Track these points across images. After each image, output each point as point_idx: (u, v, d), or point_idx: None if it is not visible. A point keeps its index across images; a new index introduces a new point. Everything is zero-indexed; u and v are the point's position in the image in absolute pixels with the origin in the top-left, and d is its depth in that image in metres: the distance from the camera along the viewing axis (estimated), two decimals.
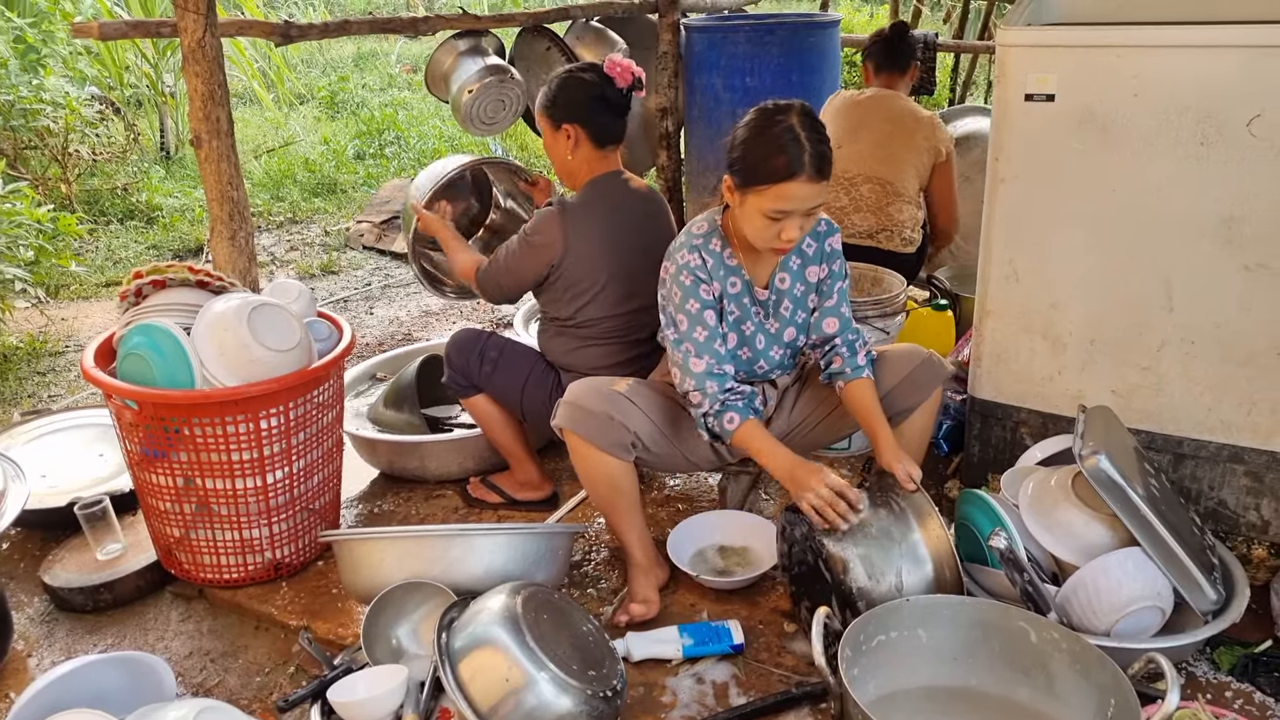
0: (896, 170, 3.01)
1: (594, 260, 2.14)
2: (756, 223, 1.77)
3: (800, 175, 1.70)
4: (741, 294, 1.91)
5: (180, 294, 2.09)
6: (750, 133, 1.75)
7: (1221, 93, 1.78)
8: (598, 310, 2.18)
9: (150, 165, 6.18)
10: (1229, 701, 1.68)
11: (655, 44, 4.02)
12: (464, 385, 2.28)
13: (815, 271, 1.95)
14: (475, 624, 1.59)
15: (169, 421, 1.91)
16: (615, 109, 2.13)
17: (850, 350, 1.93)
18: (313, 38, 2.98)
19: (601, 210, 2.14)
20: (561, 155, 2.17)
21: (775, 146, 1.70)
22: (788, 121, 1.72)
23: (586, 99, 2.11)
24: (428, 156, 6.60)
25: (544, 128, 2.19)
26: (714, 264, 1.87)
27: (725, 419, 1.83)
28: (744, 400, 1.87)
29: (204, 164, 2.41)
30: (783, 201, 1.72)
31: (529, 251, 2.15)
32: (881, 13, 7.49)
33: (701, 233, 1.88)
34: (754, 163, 1.73)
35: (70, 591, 2.09)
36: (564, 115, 2.12)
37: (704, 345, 1.85)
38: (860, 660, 1.54)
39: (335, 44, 10.04)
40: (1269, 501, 1.96)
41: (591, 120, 2.11)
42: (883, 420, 1.87)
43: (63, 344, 3.75)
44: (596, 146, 2.15)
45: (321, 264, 4.74)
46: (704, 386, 1.84)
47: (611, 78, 2.11)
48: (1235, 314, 1.88)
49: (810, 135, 1.71)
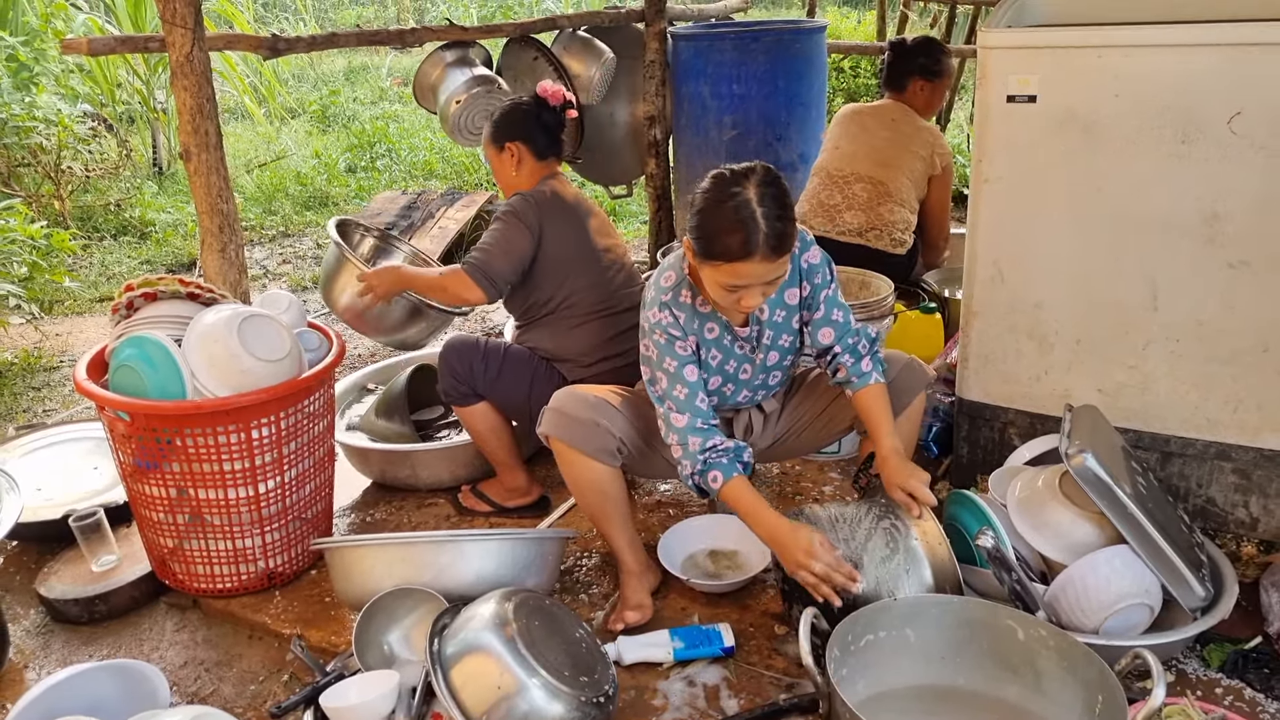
0: (891, 172, 3.03)
1: (567, 233, 2.30)
2: (715, 292, 1.72)
3: (755, 256, 1.62)
4: (721, 337, 1.87)
5: (171, 306, 2.11)
6: (706, 204, 1.66)
7: (1201, 91, 1.79)
8: (583, 279, 2.29)
9: (143, 181, 6.19)
10: (1219, 698, 1.69)
11: (642, 53, 4.04)
12: (464, 393, 2.28)
13: (794, 293, 1.88)
14: (467, 630, 1.60)
15: (161, 432, 1.92)
16: (551, 126, 2.36)
17: (854, 356, 1.87)
18: (300, 51, 3.00)
19: (554, 191, 2.35)
20: (508, 172, 2.37)
21: (730, 224, 1.62)
22: (744, 195, 1.62)
23: (526, 120, 2.34)
24: (418, 169, 6.62)
25: (490, 153, 2.40)
26: (686, 317, 1.82)
27: (709, 477, 1.78)
28: (729, 457, 1.79)
29: (193, 177, 2.42)
30: (738, 279, 1.66)
31: (516, 227, 2.25)
32: (869, 19, 7.53)
33: (670, 285, 1.82)
34: (709, 237, 1.65)
35: (66, 603, 2.09)
36: (506, 135, 2.34)
37: (685, 403, 1.80)
38: (849, 660, 1.55)
39: (326, 58, 10.07)
40: (1257, 498, 1.97)
41: (531, 137, 2.33)
42: (889, 431, 1.80)
43: (57, 359, 3.76)
44: (538, 159, 2.35)
45: (313, 276, 4.74)
46: (686, 442, 1.79)
47: (545, 99, 2.35)
48: (1219, 312, 1.89)
49: (768, 211, 1.62)
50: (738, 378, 1.92)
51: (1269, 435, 1.92)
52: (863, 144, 3.09)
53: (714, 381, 1.90)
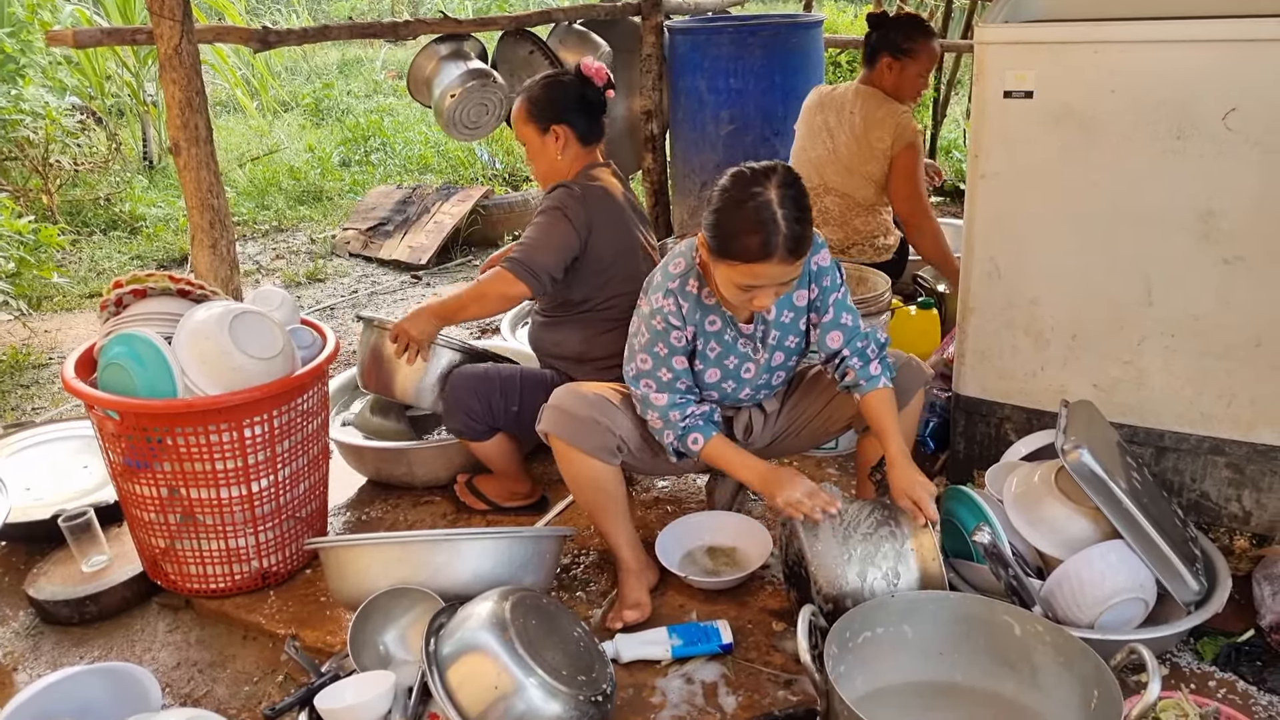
0: (855, 180, 2.94)
1: (613, 232, 2.18)
2: (728, 290, 1.72)
3: (773, 258, 1.62)
4: (723, 330, 1.87)
5: (161, 303, 2.08)
6: (725, 203, 1.66)
7: (1197, 87, 1.79)
8: (624, 285, 2.16)
9: (133, 175, 6.15)
10: (1212, 691, 1.69)
11: (639, 47, 4.03)
12: (481, 431, 2.19)
13: (803, 295, 1.88)
14: (463, 630, 1.59)
15: (151, 431, 1.90)
16: (595, 108, 2.20)
17: (862, 360, 1.87)
18: (291, 43, 2.98)
19: (605, 189, 2.20)
20: (551, 157, 2.21)
21: (750, 225, 1.61)
22: (765, 196, 1.62)
23: (570, 100, 2.17)
24: (413, 163, 6.59)
25: (529, 134, 2.21)
26: (690, 307, 1.83)
27: (690, 440, 1.85)
28: (704, 418, 1.86)
29: (183, 172, 2.40)
30: (754, 279, 1.66)
31: (562, 223, 2.11)
32: (865, 13, 7.52)
33: (678, 272, 1.83)
34: (726, 236, 1.65)
35: (56, 604, 2.07)
36: (551, 117, 2.17)
37: (666, 385, 1.85)
38: (847, 657, 1.55)
39: (320, 51, 10.01)
40: (1250, 492, 1.98)
41: (577, 119, 2.17)
42: (896, 437, 1.81)
43: (46, 356, 3.73)
44: (583, 145, 2.20)
45: (308, 271, 4.72)
46: (667, 417, 1.85)
47: (589, 78, 2.17)
48: (1214, 307, 1.90)
49: (788, 213, 1.61)
50: (740, 375, 1.92)
51: (1262, 429, 1.92)
52: (826, 148, 2.96)
53: (712, 375, 1.90)
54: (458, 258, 4.91)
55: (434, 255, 4.77)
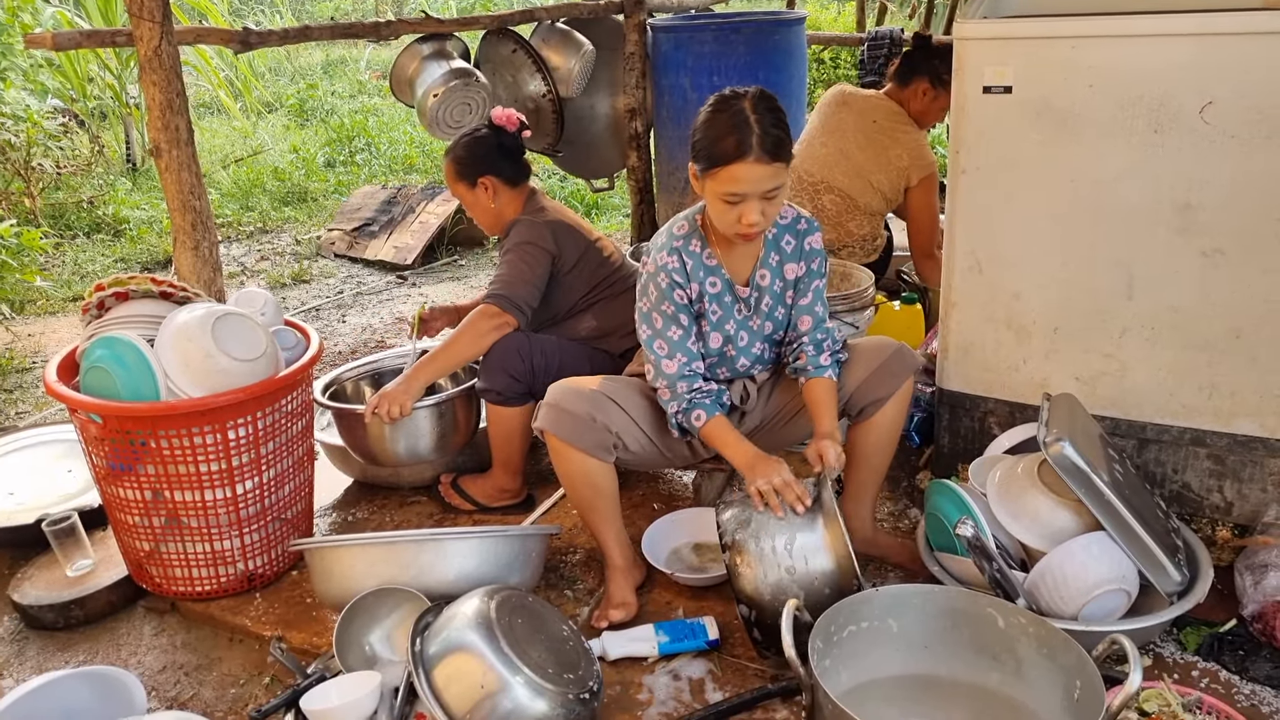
0: (861, 185, 2.92)
1: (576, 243, 2.35)
2: (717, 208, 1.79)
3: (749, 156, 1.70)
4: (723, 293, 1.92)
5: (143, 305, 2.07)
6: (705, 118, 1.78)
7: (1174, 81, 1.81)
8: (603, 267, 2.37)
9: (116, 177, 6.11)
10: (1195, 681, 1.71)
11: (622, 45, 4.03)
12: (520, 393, 2.21)
13: (794, 269, 1.96)
14: (449, 629, 1.59)
15: (134, 434, 1.89)
16: (515, 153, 2.38)
17: (816, 349, 1.95)
18: (273, 44, 2.96)
19: (555, 212, 2.39)
20: (486, 206, 2.37)
21: (726, 129, 1.72)
22: (739, 105, 1.73)
23: (489, 151, 2.34)
24: (398, 163, 6.57)
25: (461, 191, 2.39)
26: (693, 265, 1.89)
27: (693, 416, 1.89)
28: (711, 398, 1.91)
29: (164, 174, 2.39)
30: (734, 184, 1.72)
31: (533, 251, 2.27)
32: (848, 10, 7.54)
33: (682, 233, 1.90)
34: (706, 146, 1.75)
35: (40, 609, 2.06)
36: (476, 171, 2.34)
37: (677, 344, 1.89)
38: (831, 651, 1.56)
39: (303, 52, 9.97)
40: (1231, 483, 2.00)
41: (500, 167, 2.35)
42: (830, 414, 1.89)
43: (29, 360, 3.70)
44: (512, 188, 2.38)
45: (293, 273, 4.70)
46: (675, 386, 1.90)
47: (502, 126, 2.36)
48: (1193, 299, 1.91)
49: (761, 118, 1.71)
50: (736, 340, 1.97)
51: (1242, 420, 1.94)
52: (836, 148, 2.95)
53: (715, 339, 1.95)
54: (443, 258, 4.90)
55: (419, 255, 4.76)
